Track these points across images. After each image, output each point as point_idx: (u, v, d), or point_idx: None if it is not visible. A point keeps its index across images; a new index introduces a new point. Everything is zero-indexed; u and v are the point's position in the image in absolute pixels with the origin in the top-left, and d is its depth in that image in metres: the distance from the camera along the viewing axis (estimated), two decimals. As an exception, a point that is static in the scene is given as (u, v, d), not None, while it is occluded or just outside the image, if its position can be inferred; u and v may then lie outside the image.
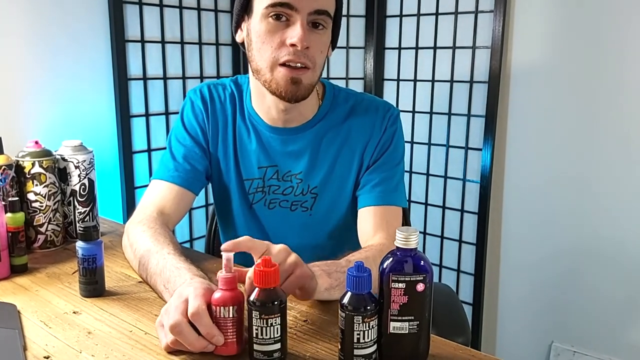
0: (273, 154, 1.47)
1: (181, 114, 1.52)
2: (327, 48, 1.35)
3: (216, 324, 0.92)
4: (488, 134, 2.32)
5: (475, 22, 2.32)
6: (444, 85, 2.45)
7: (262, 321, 0.91)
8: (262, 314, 0.91)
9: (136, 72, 2.27)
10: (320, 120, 1.45)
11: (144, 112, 2.32)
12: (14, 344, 0.99)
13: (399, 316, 0.92)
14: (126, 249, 1.37)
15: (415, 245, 0.92)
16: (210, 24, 2.55)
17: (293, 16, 1.26)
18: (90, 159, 1.58)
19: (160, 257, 1.20)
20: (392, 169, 1.45)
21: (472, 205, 2.44)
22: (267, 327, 0.91)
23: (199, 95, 1.50)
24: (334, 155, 1.46)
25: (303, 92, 1.31)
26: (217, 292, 0.93)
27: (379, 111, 1.47)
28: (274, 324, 0.92)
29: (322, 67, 1.35)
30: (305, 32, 1.25)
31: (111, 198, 2.26)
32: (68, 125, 2.06)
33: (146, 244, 1.26)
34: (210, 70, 2.58)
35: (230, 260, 0.93)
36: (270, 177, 1.47)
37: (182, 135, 1.49)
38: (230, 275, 0.93)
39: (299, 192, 1.47)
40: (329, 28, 1.33)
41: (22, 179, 1.49)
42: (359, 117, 1.46)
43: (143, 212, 1.39)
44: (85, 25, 2.08)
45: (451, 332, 1.29)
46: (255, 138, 1.46)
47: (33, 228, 1.50)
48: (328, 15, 1.29)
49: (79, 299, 1.21)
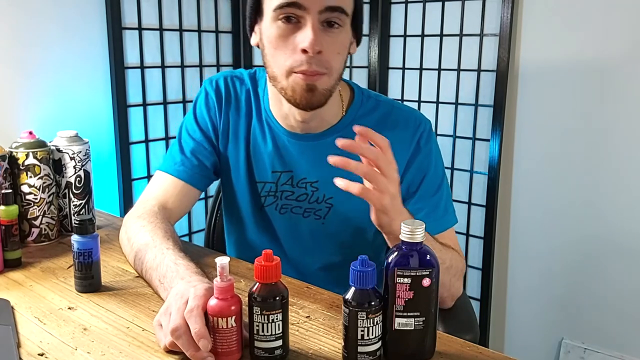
0: (289, 159, 1.42)
1: (194, 104, 1.49)
2: (344, 48, 1.28)
3: (214, 333, 0.91)
4: (496, 125, 2.31)
5: (483, 9, 2.31)
6: (451, 74, 2.45)
7: (263, 317, 0.91)
8: (263, 309, 0.90)
9: (133, 60, 2.27)
10: (343, 129, 1.38)
11: (142, 102, 2.32)
12: (8, 341, 1.00)
13: (405, 312, 0.92)
14: (123, 242, 1.36)
15: (422, 239, 0.91)
16: (210, 11, 2.55)
17: (303, 17, 1.19)
18: (86, 150, 1.58)
19: (159, 251, 1.19)
20: (435, 194, 1.38)
21: (479, 197, 2.44)
22: (268, 324, 0.91)
23: (214, 86, 1.46)
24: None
25: (319, 99, 1.26)
26: (212, 299, 0.92)
27: (409, 127, 1.40)
28: (275, 320, 0.91)
29: (340, 70, 1.28)
30: (317, 34, 1.19)
31: (107, 190, 2.26)
32: (63, 115, 2.06)
33: (144, 238, 1.26)
34: (210, 58, 2.58)
35: (225, 267, 0.91)
36: (284, 182, 1.43)
37: (193, 128, 1.46)
38: (225, 283, 0.91)
39: (314, 200, 1.42)
40: (345, 25, 1.25)
41: (16, 170, 1.49)
42: (387, 131, 1.33)
43: (144, 205, 1.38)
44: (80, 12, 2.08)
45: (459, 329, 1.29)
46: (271, 141, 1.42)
47: (27, 221, 1.50)
48: (342, 11, 1.21)
49: (75, 294, 1.21)
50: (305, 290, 1.25)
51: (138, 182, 2.36)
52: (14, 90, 1.93)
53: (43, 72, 2.00)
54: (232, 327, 0.91)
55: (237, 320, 0.92)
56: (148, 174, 2.39)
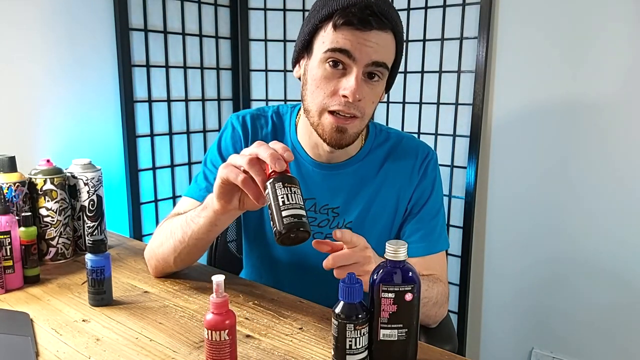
0: (313, 187, 1.40)
1: (220, 137, 1.46)
2: (378, 97, 1.28)
3: (209, 346, 0.92)
4: (472, 153, 2.33)
5: (460, 48, 2.34)
6: (431, 107, 2.46)
7: (287, 189, 0.95)
8: (285, 182, 0.96)
9: (142, 94, 2.28)
10: (362, 159, 1.40)
11: (149, 133, 2.33)
12: (27, 351, 1.00)
13: (389, 324, 0.93)
14: (150, 243, 1.36)
15: (404, 257, 0.93)
16: (211, 50, 2.57)
17: (350, 66, 1.19)
18: (99, 177, 1.60)
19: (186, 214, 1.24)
20: (434, 219, 1.40)
21: (457, 220, 2.45)
22: (292, 194, 0.95)
23: (241, 122, 1.44)
24: (372, 194, 1.39)
25: (348, 141, 1.26)
26: (208, 314, 0.92)
27: (419, 155, 1.42)
28: (297, 192, 0.96)
29: (370, 115, 1.29)
30: (360, 84, 1.19)
31: (118, 213, 2.26)
32: (78, 145, 2.07)
33: (172, 219, 1.30)
34: (211, 92, 2.60)
35: (221, 284, 0.92)
36: (307, 209, 1.38)
37: (216, 159, 1.43)
38: (221, 299, 0.92)
39: (334, 225, 1.40)
40: (384, 78, 1.26)
41: (35, 195, 1.50)
42: (397, 160, 1.41)
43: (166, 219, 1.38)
44: (94, 50, 2.10)
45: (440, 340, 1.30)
46: (296, 170, 1.40)
47: (45, 241, 1.51)
48: (385, 67, 1.22)
49: (88, 307, 1.22)
50: (299, 304, 1.26)
51: (146, 206, 2.36)
52: (33, 122, 1.94)
53: (60, 106, 2.01)
54: (225, 340, 0.91)
55: (231, 333, 0.92)
56: (155, 198, 2.39)
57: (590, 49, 2.04)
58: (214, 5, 2.54)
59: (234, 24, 2.64)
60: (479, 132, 2.32)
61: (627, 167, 2.02)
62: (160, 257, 1.32)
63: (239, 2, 2.62)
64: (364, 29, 1.16)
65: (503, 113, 2.30)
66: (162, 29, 2.33)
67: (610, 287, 2.12)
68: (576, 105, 2.10)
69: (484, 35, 2.24)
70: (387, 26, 1.19)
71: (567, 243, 2.20)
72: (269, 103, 2.73)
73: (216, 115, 2.63)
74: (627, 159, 2.02)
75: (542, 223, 2.26)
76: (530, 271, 2.32)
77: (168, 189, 2.45)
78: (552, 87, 2.15)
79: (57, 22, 1.96)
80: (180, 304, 1.24)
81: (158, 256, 1.33)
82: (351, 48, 1.17)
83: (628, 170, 2.02)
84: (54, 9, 1.95)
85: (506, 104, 2.29)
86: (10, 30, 1.84)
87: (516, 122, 2.27)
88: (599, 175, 2.09)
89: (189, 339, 1.08)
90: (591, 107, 2.07)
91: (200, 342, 1.06)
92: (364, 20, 1.16)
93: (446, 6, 2.34)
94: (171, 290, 1.32)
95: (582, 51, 2.06)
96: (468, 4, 2.28)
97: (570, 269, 2.21)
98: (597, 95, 2.05)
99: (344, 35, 1.17)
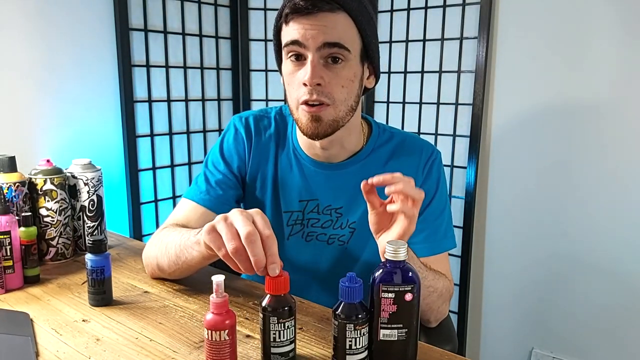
0: (315, 188, 1.40)
1: (222, 138, 1.46)
2: (349, 81, 1.24)
3: (209, 346, 0.92)
4: (472, 154, 2.33)
5: (460, 48, 2.34)
6: (431, 107, 2.46)
7: (280, 325, 0.93)
8: (280, 318, 0.93)
9: (142, 94, 2.29)
10: (365, 158, 1.39)
11: (149, 133, 2.33)
12: (27, 351, 1.00)
13: (389, 324, 0.93)
14: (148, 249, 1.35)
15: (404, 257, 0.93)
16: (211, 50, 2.57)
17: (305, 54, 1.19)
18: (99, 177, 1.59)
19: (184, 230, 1.22)
20: (439, 218, 1.39)
21: (457, 220, 2.45)
22: (284, 330, 0.93)
23: (244, 124, 1.44)
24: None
25: (325, 129, 1.24)
26: (208, 314, 0.92)
27: (423, 154, 1.40)
28: (289, 327, 0.94)
29: (348, 102, 1.25)
30: (315, 68, 1.18)
31: (118, 213, 2.27)
32: (78, 145, 2.07)
33: (170, 231, 1.27)
34: (211, 93, 2.60)
35: (221, 285, 0.92)
36: (310, 210, 1.40)
37: (217, 161, 1.43)
38: (221, 299, 0.92)
39: (338, 225, 1.40)
40: (350, 60, 1.22)
41: (35, 195, 1.49)
42: (401, 158, 1.40)
43: (166, 224, 1.37)
44: (94, 51, 2.10)
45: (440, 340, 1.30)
46: (299, 172, 1.40)
47: (45, 241, 1.50)
48: (342, 47, 1.19)
49: (88, 307, 1.21)
50: (299, 304, 1.25)
51: (146, 206, 2.36)
52: (33, 122, 1.94)
53: (60, 106, 2.01)
54: (226, 340, 0.91)
55: (231, 333, 0.92)
56: (155, 198, 2.39)
57: (590, 48, 2.04)
58: (214, 5, 2.55)
59: (234, 24, 2.64)
60: (479, 132, 2.32)
61: (626, 165, 2.02)
62: (157, 267, 1.32)
63: (239, 2, 2.62)
64: (309, 14, 1.17)
65: (503, 113, 2.30)
66: (162, 29, 2.33)
67: (610, 287, 2.12)
68: (576, 104, 2.10)
69: (484, 35, 2.24)
70: (335, 7, 1.18)
71: (567, 243, 2.20)
72: (269, 103, 2.73)
73: (216, 116, 2.63)
74: (627, 158, 2.02)
75: (542, 223, 2.26)
76: (530, 271, 2.32)
77: (168, 189, 2.45)
78: (552, 87, 2.15)
79: (57, 22, 1.96)
80: (180, 304, 1.24)
81: (154, 265, 1.33)
82: (300, 37, 1.18)
83: (628, 168, 2.02)
84: (54, 9, 1.95)
85: (506, 104, 2.29)
86: (10, 30, 1.84)
87: (516, 122, 2.27)
88: (599, 174, 2.09)
89: (189, 339, 1.08)
90: (591, 106, 2.07)
91: (200, 342, 1.06)
92: (309, 5, 1.16)
93: (446, 6, 2.34)
94: (171, 290, 1.32)
95: (582, 51, 2.06)
96: (468, 4, 2.28)
97: (570, 268, 2.21)
98: (597, 94, 2.05)
99: (294, 27, 1.19)
